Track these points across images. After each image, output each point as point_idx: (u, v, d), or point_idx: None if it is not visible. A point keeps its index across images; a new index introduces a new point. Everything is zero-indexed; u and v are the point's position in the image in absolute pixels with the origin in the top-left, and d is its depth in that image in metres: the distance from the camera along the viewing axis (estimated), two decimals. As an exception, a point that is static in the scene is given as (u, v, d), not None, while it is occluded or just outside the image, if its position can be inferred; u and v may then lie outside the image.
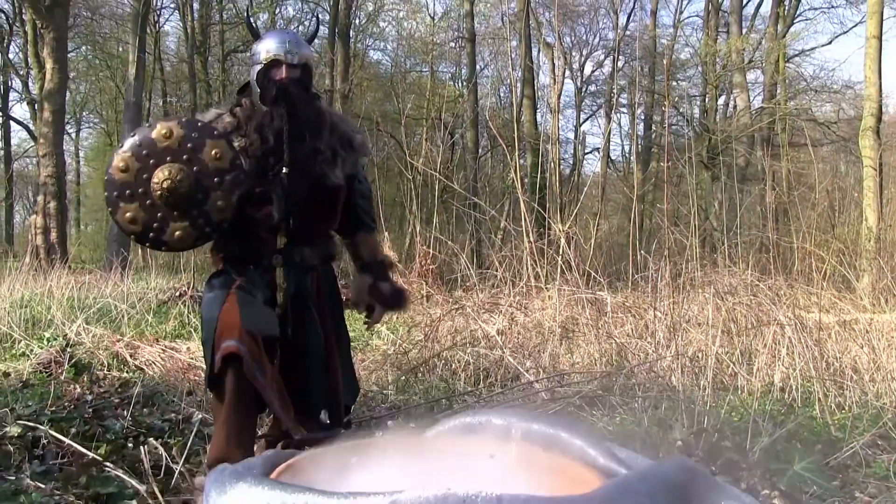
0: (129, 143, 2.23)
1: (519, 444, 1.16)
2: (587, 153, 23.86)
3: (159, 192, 2.17)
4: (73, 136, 27.81)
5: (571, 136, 23.80)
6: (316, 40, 2.85)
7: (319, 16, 18.81)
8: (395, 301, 2.56)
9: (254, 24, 2.72)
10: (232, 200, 2.23)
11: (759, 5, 21.97)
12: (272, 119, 2.31)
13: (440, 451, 1.19)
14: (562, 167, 17.26)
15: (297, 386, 2.34)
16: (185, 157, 2.20)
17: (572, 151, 22.14)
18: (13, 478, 2.32)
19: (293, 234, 2.35)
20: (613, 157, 23.85)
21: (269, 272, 2.34)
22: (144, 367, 4.54)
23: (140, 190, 2.19)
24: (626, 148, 25.07)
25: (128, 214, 2.20)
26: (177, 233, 2.22)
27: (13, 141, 26.59)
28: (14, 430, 2.69)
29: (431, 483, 0.92)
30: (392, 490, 0.92)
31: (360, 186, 2.57)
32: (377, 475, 1.10)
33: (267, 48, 2.38)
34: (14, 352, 4.90)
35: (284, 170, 2.30)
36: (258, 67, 2.37)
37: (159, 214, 2.20)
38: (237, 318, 2.17)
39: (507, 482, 0.93)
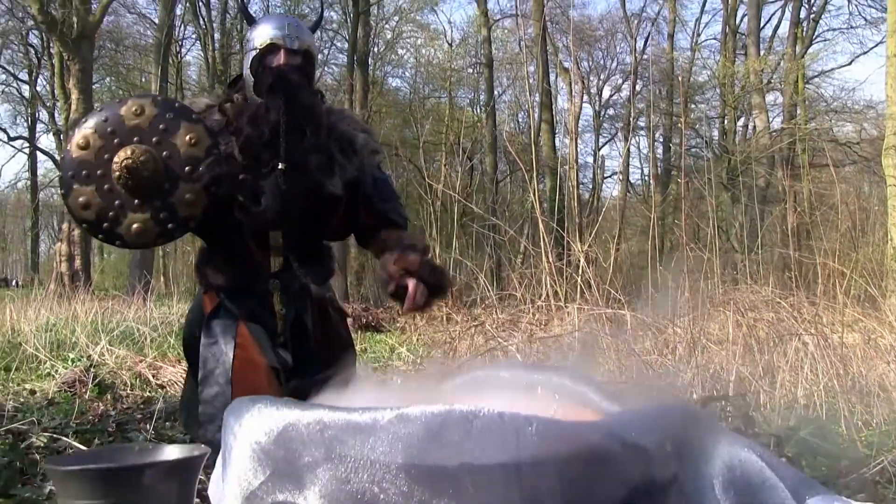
0: (94, 118, 1.94)
1: (526, 393, 1.18)
2: (606, 177, 23.93)
3: (118, 173, 1.87)
4: (98, 165, 28.29)
5: (590, 159, 23.94)
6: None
7: (324, 5, 16.95)
8: (427, 272, 2.05)
9: (249, 10, 2.38)
10: (203, 195, 1.95)
11: (777, 27, 22.07)
12: (267, 110, 2.00)
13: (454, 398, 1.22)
14: (580, 191, 17.28)
15: None
16: (154, 139, 1.91)
17: (591, 175, 22.24)
18: (38, 486, 2.36)
19: (288, 252, 2.08)
20: (633, 181, 23.87)
21: (266, 297, 2.08)
22: (166, 386, 4.59)
23: (99, 172, 1.90)
24: (646, 171, 25.08)
25: (81, 199, 1.89)
26: (135, 225, 1.92)
27: (39, 171, 27.25)
28: (39, 441, 2.74)
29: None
30: (399, 405, 0.96)
31: (377, 188, 2.19)
32: None
33: (263, 33, 2.07)
34: (40, 372, 4.97)
35: (281, 166, 1.99)
36: (252, 54, 2.07)
37: (117, 202, 1.90)
38: (257, 382, 1.91)
39: None
